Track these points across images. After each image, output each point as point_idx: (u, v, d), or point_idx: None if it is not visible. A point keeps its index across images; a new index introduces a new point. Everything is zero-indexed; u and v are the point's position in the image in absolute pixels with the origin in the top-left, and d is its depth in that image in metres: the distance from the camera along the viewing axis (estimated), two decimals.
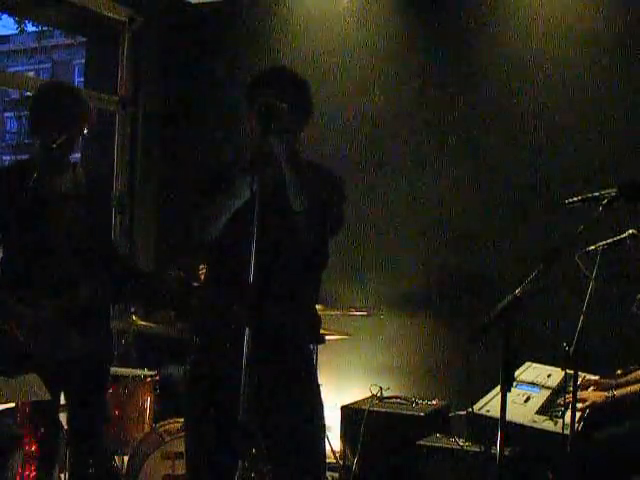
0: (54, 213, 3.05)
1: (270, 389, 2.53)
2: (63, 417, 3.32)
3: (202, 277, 3.43)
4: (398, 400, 4.56)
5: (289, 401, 2.57)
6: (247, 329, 2.11)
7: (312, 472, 2.61)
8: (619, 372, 3.62)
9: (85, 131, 3.11)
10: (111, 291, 3.16)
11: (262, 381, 2.44)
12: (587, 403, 3.33)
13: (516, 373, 3.62)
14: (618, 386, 3.46)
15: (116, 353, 4.86)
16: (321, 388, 2.68)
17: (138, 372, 4.25)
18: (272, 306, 2.50)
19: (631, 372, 3.56)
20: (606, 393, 3.39)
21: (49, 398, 2.84)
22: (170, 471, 3.77)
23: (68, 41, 18.35)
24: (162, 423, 4.05)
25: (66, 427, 3.38)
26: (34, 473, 3.07)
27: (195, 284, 3.29)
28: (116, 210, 5.32)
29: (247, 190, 2.31)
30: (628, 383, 3.47)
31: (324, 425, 2.70)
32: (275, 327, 2.53)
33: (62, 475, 3.61)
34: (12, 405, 3.16)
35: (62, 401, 3.23)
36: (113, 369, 4.14)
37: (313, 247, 2.57)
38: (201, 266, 3.49)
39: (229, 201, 2.47)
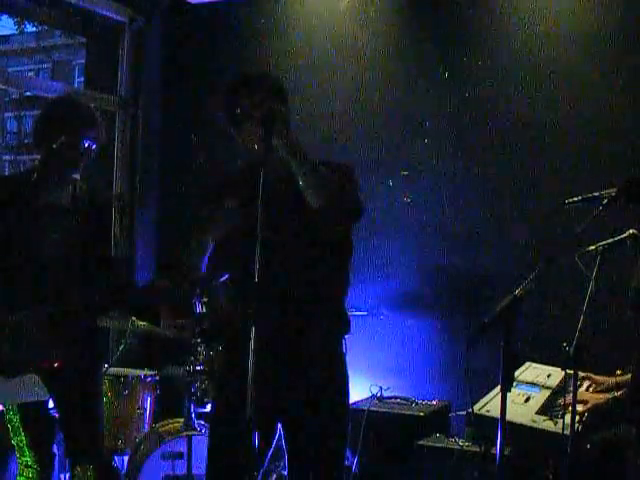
0: (47, 225, 3.05)
1: (293, 382, 2.62)
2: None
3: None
4: (398, 400, 4.57)
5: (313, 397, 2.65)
6: (252, 327, 2.13)
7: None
8: (619, 372, 3.61)
9: (87, 142, 3.06)
10: (104, 301, 3.15)
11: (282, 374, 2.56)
12: (588, 406, 3.32)
13: (516, 373, 3.61)
14: (617, 385, 3.45)
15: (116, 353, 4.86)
16: None
17: (138, 372, 4.26)
18: (290, 303, 2.56)
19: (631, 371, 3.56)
20: (609, 395, 3.37)
21: (48, 398, 2.84)
22: (170, 471, 3.78)
23: (68, 41, 18.32)
24: (162, 423, 4.05)
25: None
26: None
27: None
28: (117, 210, 5.33)
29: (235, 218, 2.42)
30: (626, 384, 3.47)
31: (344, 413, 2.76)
32: (295, 325, 2.59)
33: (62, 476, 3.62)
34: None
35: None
36: (113, 369, 4.15)
37: (337, 239, 2.62)
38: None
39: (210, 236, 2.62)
